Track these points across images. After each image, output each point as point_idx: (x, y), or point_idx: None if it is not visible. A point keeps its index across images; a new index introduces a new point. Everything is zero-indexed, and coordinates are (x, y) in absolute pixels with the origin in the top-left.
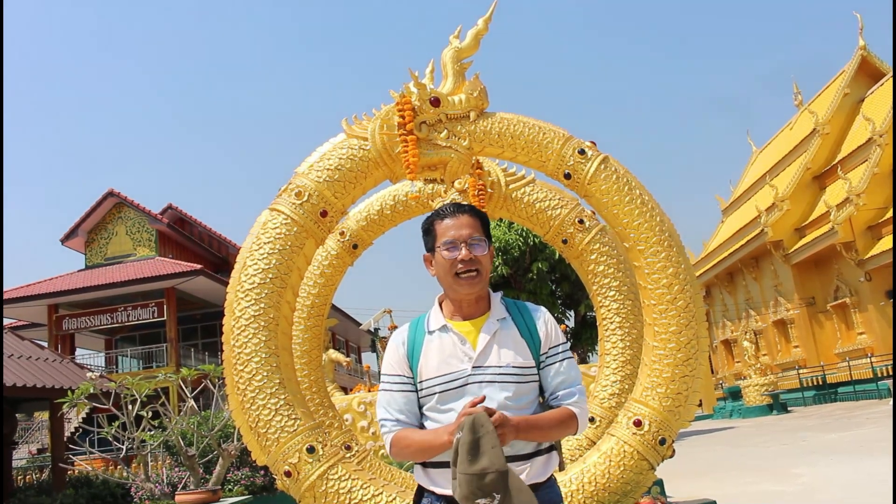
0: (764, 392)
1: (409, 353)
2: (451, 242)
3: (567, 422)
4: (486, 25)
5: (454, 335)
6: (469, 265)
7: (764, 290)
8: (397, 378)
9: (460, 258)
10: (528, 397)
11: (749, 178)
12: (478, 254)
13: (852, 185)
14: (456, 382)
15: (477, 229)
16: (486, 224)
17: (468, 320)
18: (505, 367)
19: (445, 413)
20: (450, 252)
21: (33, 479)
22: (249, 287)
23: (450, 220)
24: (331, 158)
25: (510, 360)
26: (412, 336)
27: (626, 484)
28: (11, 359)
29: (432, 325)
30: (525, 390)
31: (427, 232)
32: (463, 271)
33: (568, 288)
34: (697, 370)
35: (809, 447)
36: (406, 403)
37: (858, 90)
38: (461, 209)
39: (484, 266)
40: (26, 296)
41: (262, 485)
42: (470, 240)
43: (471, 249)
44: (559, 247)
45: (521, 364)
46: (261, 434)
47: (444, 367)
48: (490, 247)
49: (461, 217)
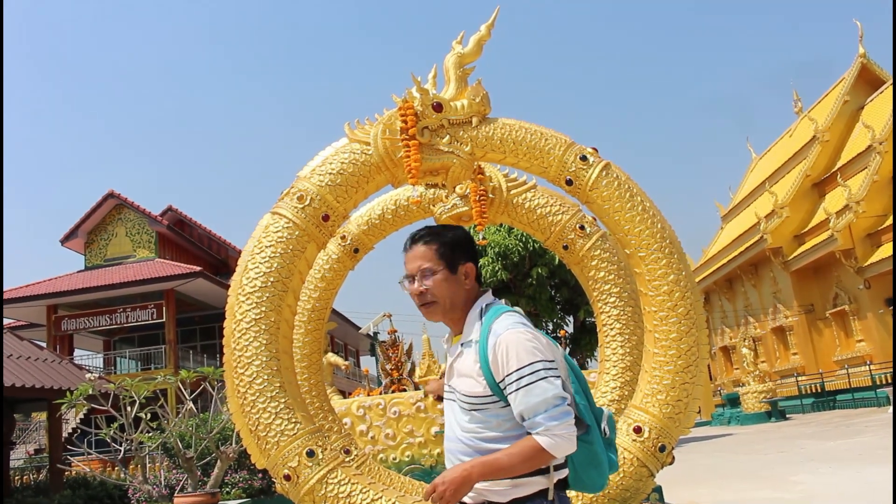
0: (762, 399)
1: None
2: (407, 276)
3: (531, 453)
4: (489, 31)
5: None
6: (420, 299)
7: (763, 296)
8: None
9: (411, 292)
10: (489, 423)
11: (748, 184)
12: (427, 285)
13: (852, 192)
14: (446, 394)
15: (428, 258)
16: (445, 247)
17: (455, 337)
18: (458, 393)
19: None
20: (408, 286)
21: (31, 479)
22: (251, 290)
23: (406, 254)
24: (333, 162)
25: (463, 388)
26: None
27: (625, 491)
28: (10, 359)
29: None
30: (483, 416)
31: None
32: (418, 304)
33: (567, 293)
34: (698, 377)
35: (808, 454)
36: None
37: (858, 98)
38: (414, 240)
39: (438, 295)
40: (25, 296)
41: (260, 488)
42: (419, 273)
43: (420, 282)
44: (560, 252)
45: (471, 393)
46: (261, 437)
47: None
48: (456, 267)
49: (413, 249)
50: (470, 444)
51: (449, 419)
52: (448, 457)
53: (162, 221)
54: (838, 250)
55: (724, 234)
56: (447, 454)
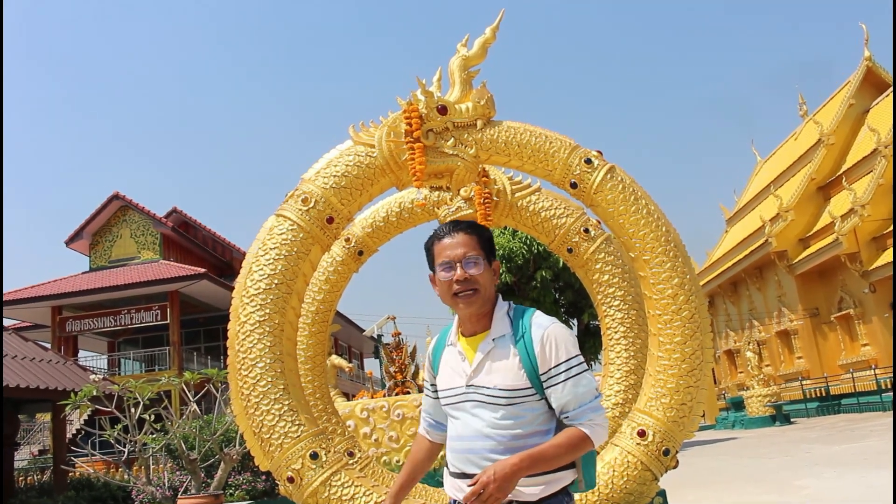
0: (767, 403)
1: (433, 361)
2: (447, 263)
3: (578, 443)
4: (494, 34)
5: (458, 350)
6: (464, 285)
7: (767, 300)
8: (428, 383)
9: (455, 278)
10: (523, 417)
11: (753, 188)
12: (473, 273)
13: (857, 195)
14: (456, 398)
15: (473, 247)
16: (484, 240)
17: (471, 336)
18: (492, 388)
19: (451, 424)
20: (446, 273)
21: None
22: (255, 292)
23: (446, 240)
24: (337, 165)
25: (498, 382)
26: (437, 345)
27: (629, 494)
28: (15, 360)
29: (450, 338)
30: (516, 412)
31: (427, 252)
32: (459, 291)
33: (571, 296)
34: (702, 381)
35: (813, 459)
36: (433, 405)
37: (863, 101)
38: (457, 227)
39: (482, 284)
40: (30, 297)
41: (264, 490)
42: (465, 259)
43: (465, 269)
44: (564, 255)
45: (510, 386)
46: (264, 439)
47: (450, 381)
48: (491, 262)
49: (457, 236)
50: (502, 441)
51: (466, 420)
52: (470, 458)
53: (166, 223)
54: (843, 254)
55: (729, 238)
56: (467, 455)
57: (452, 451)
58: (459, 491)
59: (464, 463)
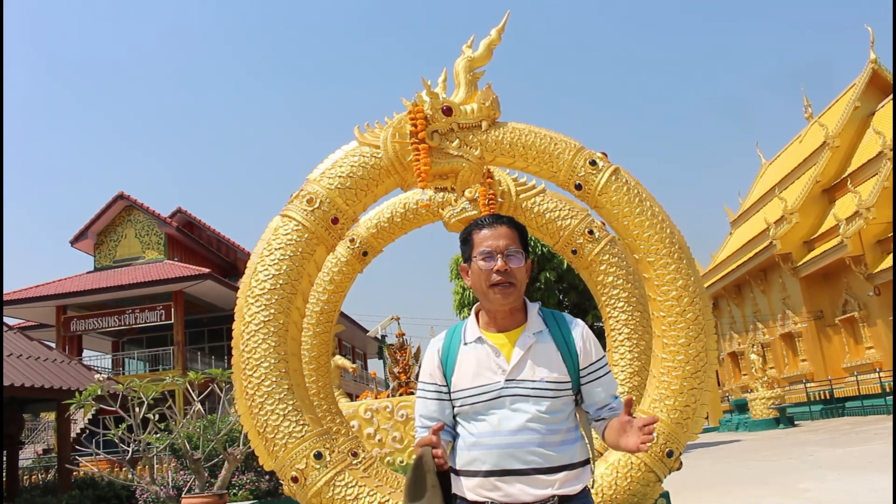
0: (771, 405)
1: (443, 361)
2: (488, 253)
3: None
4: (499, 36)
5: (489, 347)
6: (504, 277)
7: (772, 302)
8: (432, 386)
9: (496, 269)
10: (562, 412)
11: (758, 190)
12: (514, 266)
13: (862, 198)
14: (489, 395)
15: (514, 241)
16: (523, 236)
17: (503, 332)
18: (538, 381)
19: (479, 423)
20: (486, 262)
21: (39, 479)
22: (260, 292)
23: (488, 231)
24: (342, 166)
25: (544, 375)
26: (447, 345)
27: (632, 496)
28: (20, 359)
29: (468, 336)
30: (558, 405)
31: (465, 241)
32: (497, 283)
33: (575, 298)
34: (706, 382)
35: (816, 462)
36: (438, 411)
37: (869, 103)
38: (500, 220)
39: (519, 279)
40: (35, 297)
41: (267, 489)
42: (507, 251)
43: (507, 261)
44: (569, 257)
45: (556, 379)
46: (269, 439)
47: (478, 379)
48: (527, 259)
49: (499, 228)
50: (545, 435)
51: (504, 415)
52: (513, 453)
53: (171, 223)
54: (848, 257)
55: (734, 240)
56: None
57: (486, 448)
58: (494, 490)
59: (504, 459)
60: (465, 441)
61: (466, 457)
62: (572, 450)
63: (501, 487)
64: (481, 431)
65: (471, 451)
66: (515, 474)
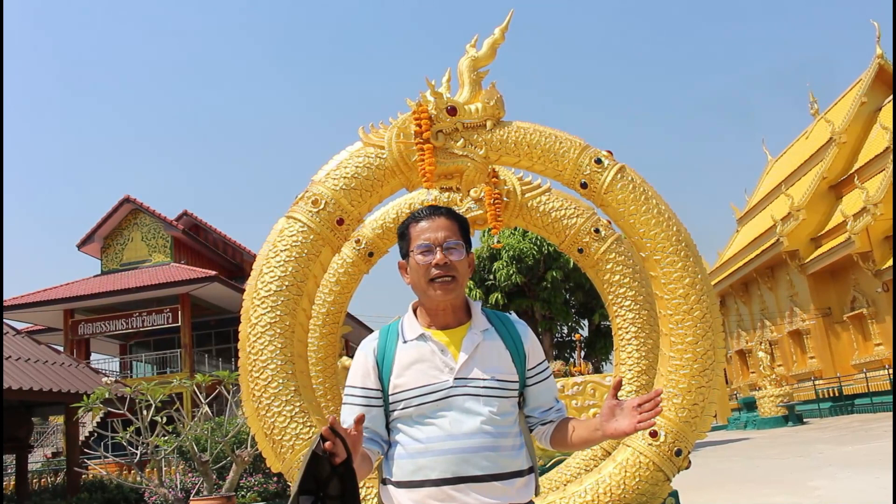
0: (779, 403)
1: (378, 362)
2: (426, 246)
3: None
4: (503, 35)
5: (433, 344)
6: (444, 270)
7: (779, 300)
8: (361, 391)
9: (435, 262)
10: (510, 414)
11: (764, 187)
12: (454, 259)
13: (869, 194)
14: (436, 395)
15: (454, 233)
16: (464, 228)
17: (446, 330)
18: (489, 379)
19: (425, 426)
20: (424, 256)
21: (48, 482)
22: (266, 294)
23: (425, 223)
24: (347, 166)
25: (494, 374)
26: (383, 345)
27: (641, 495)
28: (28, 363)
29: (408, 334)
30: (507, 406)
31: (402, 236)
32: (437, 276)
33: (582, 297)
34: (714, 381)
35: (826, 460)
36: (368, 420)
37: (876, 99)
38: (437, 211)
39: (460, 272)
40: (42, 300)
41: (276, 491)
42: (446, 243)
43: (447, 254)
44: (575, 256)
45: (506, 378)
46: (276, 441)
47: (423, 378)
48: (469, 253)
49: (437, 219)
50: (498, 439)
51: (455, 418)
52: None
53: (177, 226)
54: (856, 253)
55: (740, 237)
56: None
57: (436, 454)
58: (447, 500)
59: (458, 465)
60: (406, 449)
61: (410, 466)
62: (521, 456)
63: (455, 497)
64: (430, 436)
65: (416, 459)
66: (470, 481)
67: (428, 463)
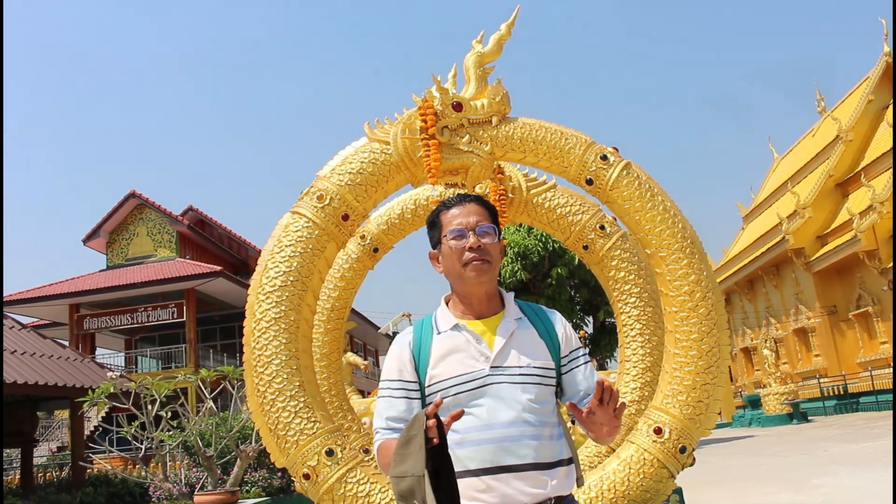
0: (784, 401)
1: (415, 355)
2: (459, 231)
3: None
4: (509, 30)
5: (468, 334)
6: (479, 253)
7: (785, 297)
8: (398, 384)
9: (469, 246)
10: (549, 402)
11: (770, 184)
12: (487, 242)
13: (876, 192)
14: (473, 383)
15: (486, 217)
16: (494, 214)
17: (481, 319)
18: (526, 367)
19: (464, 417)
20: (457, 241)
21: (53, 476)
22: (270, 289)
23: (456, 210)
24: (353, 162)
25: (531, 361)
26: (418, 338)
27: (645, 492)
28: (33, 357)
29: (442, 325)
30: (546, 393)
31: (432, 225)
32: (472, 259)
33: (587, 294)
34: (719, 378)
35: (830, 458)
36: (407, 410)
37: (883, 96)
38: (467, 198)
39: (493, 256)
40: (48, 295)
41: (280, 486)
42: (479, 228)
43: (479, 237)
44: (580, 252)
45: (543, 365)
46: (280, 436)
47: (459, 368)
48: (500, 238)
49: (468, 205)
50: (537, 427)
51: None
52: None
53: (183, 221)
54: (862, 251)
55: (746, 235)
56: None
57: (475, 444)
58: (486, 490)
59: (498, 454)
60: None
61: (457, 451)
62: (561, 445)
63: (495, 487)
64: (468, 426)
65: (455, 451)
66: (510, 471)
67: (467, 453)
